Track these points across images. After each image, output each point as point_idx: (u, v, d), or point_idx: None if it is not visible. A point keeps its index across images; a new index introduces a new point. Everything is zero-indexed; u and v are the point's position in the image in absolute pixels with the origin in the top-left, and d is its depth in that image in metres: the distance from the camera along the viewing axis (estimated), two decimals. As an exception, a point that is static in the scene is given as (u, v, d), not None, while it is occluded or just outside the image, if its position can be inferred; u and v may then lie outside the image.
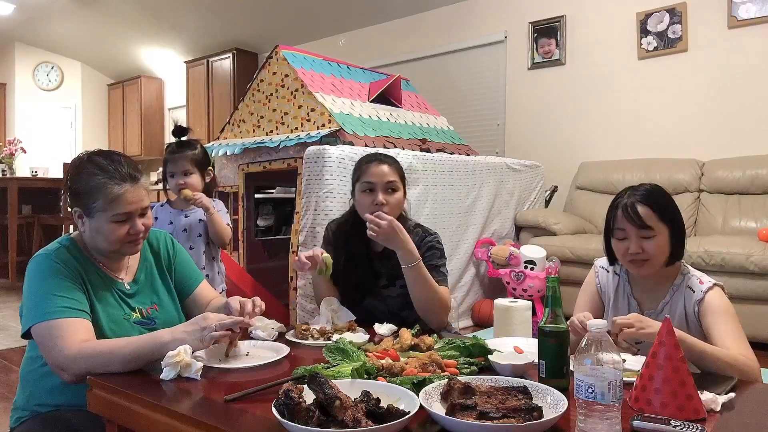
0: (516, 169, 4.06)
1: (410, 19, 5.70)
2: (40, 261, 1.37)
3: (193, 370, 1.20)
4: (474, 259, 3.72)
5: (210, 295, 1.65)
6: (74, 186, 1.39)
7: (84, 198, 1.37)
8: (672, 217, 1.50)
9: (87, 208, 1.37)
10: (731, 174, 3.76)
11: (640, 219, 1.47)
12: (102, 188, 1.35)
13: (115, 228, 1.37)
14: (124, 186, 1.36)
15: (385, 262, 1.86)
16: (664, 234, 1.48)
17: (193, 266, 1.66)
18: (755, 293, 3.00)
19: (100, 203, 1.35)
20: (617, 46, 4.41)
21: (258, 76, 3.67)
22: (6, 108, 8.06)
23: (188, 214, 2.36)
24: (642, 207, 1.47)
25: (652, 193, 1.51)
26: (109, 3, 6.54)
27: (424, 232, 1.87)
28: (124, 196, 1.36)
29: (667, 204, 1.52)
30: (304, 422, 0.91)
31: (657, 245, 1.47)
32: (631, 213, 1.48)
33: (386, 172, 1.81)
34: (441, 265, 1.85)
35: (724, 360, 1.32)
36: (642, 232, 1.47)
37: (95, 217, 1.37)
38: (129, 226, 1.38)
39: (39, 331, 1.29)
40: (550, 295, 1.20)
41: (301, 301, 2.82)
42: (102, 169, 1.37)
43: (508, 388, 1.05)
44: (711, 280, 1.51)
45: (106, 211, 1.35)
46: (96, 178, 1.36)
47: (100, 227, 1.37)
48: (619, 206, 1.51)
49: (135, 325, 1.44)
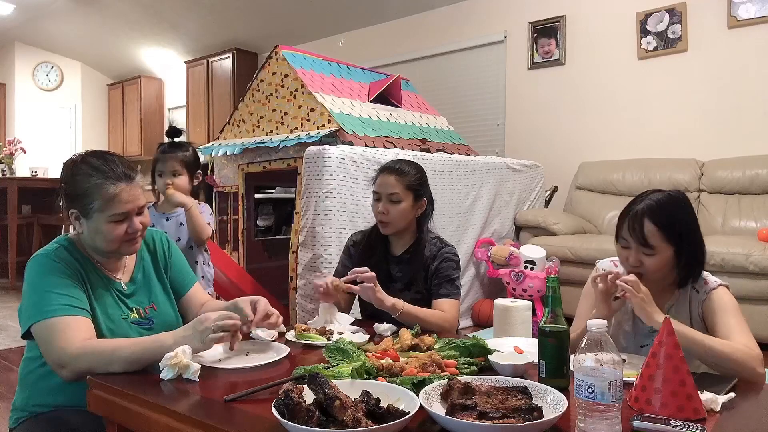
0: (516, 169, 4.06)
1: (410, 19, 5.69)
2: (39, 260, 1.37)
3: (191, 371, 1.20)
4: (474, 259, 3.72)
5: (203, 297, 1.65)
6: (70, 188, 1.38)
7: (81, 199, 1.36)
8: (681, 236, 1.44)
9: (84, 209, 1.37)
10: (731, 174, 3.76)
11: (642, 236, 1.44)
12: (98, 189, 1.35)
13: (114, 228, 1.37)
14: (119, 185, 1.36)
15: (402, 267, 1.91)
16: (667, 253, 1.44)
17: (187, 267, 1.66)
18: (755, 293, 3.00)
19: (98, 204, 1.35)
20: (617, 46, 4.41)
21: (258, 76, 3.67)
22: (6, 108, 8.06)
23: (170, 218, 2.34)
24: (648, 223, 1.43)
25: (664, 207, 1.45)
26: (109, 3, 6.53)
27: (441, 243, 1.93)
28: (120, 195, 1.36)
29: (678, 221, 1.45)
30: (304, 422, 0.90)
31: (656, 263, 1.45)
32: (636, 227, 1.45)
33: (391, 184, 1.88)
34: (455, 277, 1.87)
35: (718, 348, 1.32)
36: (643, 249, 1.45)
37: (93, 218, 1.37)
38: (127, 225, 1.38)
39: (39, 329, 1.29)
40: (550, 295, 1.20)
41: (301, 301, 2.83)
42: (97, 169, 1.37)
43: (508, 388, 1.05)
44: (717, 280, 1.50)
45: (104, 211, 1.35)
46: (91, 179, 1.35)
47: (98, 228, 1.37)
48: (629, 215, 1.48)
49: (133, 325, 1.44)
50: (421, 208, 1.92)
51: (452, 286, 1.86)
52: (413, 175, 1.93)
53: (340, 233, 2.81)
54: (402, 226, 1.90)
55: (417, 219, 1.95)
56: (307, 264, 2.83)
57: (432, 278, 1.88)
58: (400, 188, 1.88)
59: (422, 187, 1.93)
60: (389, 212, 1.87)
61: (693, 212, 1.51)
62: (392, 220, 1.88)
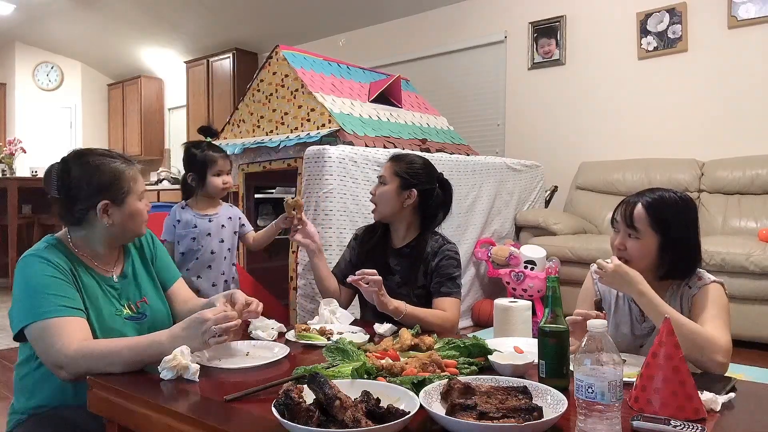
0: (516, 169, 4.06)
1: (410, 19, 5.69)
2: (29, 261, 1.35)
3: (190, 372, 1.20)
4: (474, 259, 3.72)
5: (187, 294, 1.66)
6: (95, 179, 1.39)
7: (112, 186, 1.40)
8: (669, 227, 1.46)
9: (117, 194, 1.40)
10: (731, 174, 3.76)
11: (630, 217, 1.48)
12: (124, 172, 1.42)
13: (143, 206, 1.46)
14: (132, 166, 1.46)
15: (401, 260, 1.93)
16: (651, 240, 1.46)
17: (171, 263, 1.68)
18: (755, 293, 3.00)
19: (129, 185, 1.42)
20: (617, 46, 4.41)
21: (258, 76, 3.67)
22: (6, 108, 8.06)
23: (212, 218, 2.34)
24: (640, 207, 1.48)
25: (661, 201, 1.48)
26: (109, 3, 6.53)
27: (443, 240, 1.95)
28: (138, 175, 1.46)
29: (671, 216, 1.47)
30: (304, 422, 0.90)
31: (638, 248, 1.47)
32: (626, 208, 1.50)
33: (385, 167, 1.99)
34: (456, 275, 1.88)
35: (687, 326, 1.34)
36: (628, 230, 1.49)
37: (126, 202, 1.41)
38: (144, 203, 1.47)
39: (34, 331, 1.28)
40: (550, 295, 1.21)
41: (300, 301, 2.82)
42: (109, 156, 1.43)
43: (508, 388, 1.05)
44: (711, 277, 1.50)
45: (134, 192, 1.42)
46: (114, 163, 1.41)
47: (133, 210, 1.43)
48: (626, 200, 1.53)
49: (126, 321, 1.44)
50: (410, 198, 1.92)
51: (453, 284, 1.87)
52: (408, 164, 1.96)
53: (340, 233, 2.81)
54: (387, 211, 1.94)
55: (419, 214, 1.96)
56: (307, 264, 2.83)
57: (432, 275, 1.89)
58: (389, 172, 1.96)
59: (414, 177, 1.93)
60: (376, 193, 1.96)
61: (693, 214, 1.51)
62: (377, 202, 1.96)
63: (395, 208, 1.93)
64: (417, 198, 1.93)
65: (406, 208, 1.93)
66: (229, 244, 2.37)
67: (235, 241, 2.42)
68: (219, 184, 2.30)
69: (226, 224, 2.36)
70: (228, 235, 2.37)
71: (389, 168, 1.96)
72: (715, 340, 1.34)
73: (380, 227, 2.03)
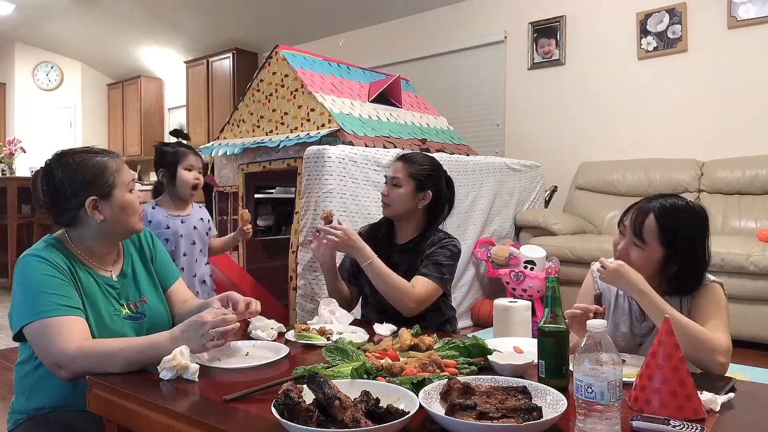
0: (516, 169, 4.06)
1: (410, 19, 5.69)
2: (28, 261, 1.35)
3: (189, 372, 1.20)
4: (474, 259, 3.72)
5: (185, 294, 1.65)
6: (79, 177, 1.37)
7: (96, 182, 1.38)
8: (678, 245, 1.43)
9: (103, 189, 1.39)
10: (731, 174, 3.76)
11: (640, 227, 1.45)
12: (107, 165, 1.40)
13: (133, 197, 1.43)
14: (116, 159, 1.44)
15: (404, 255, 1.95)
16: (656, 253, 1.45)
17: (170, 262, 1.67)
18: (755, 293, 3.00)
19: (113, 178, 1.40)
20: (617, 47, 4.41)
21: (258, 76, 3.67)
22: (6, 108, 8.06)
23: (184, 219, 2.33)
24: (651, 218, 1.44)
25: (674, 211, 1.45)
26: (109, 3, 6.53)
27: (444, 234, 1.97)
28: (123, 165, 1.44)
29: (681, 230, 1.44)
30: (304, 422, 0.90)
31: (641, 258, 1.46)
32: (639, 218, 1.46)
33: (396, 168, 1.98)
34: (443, 264, 1.87)
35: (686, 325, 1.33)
36: (635, 239, 1.46)
37: (114, 195, 1.40)
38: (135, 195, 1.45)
39: (33, 330, 1.28)
40: (550, 295, 1.20)
41: (300, 301, 2.82)
42: (90, 152, 1.41)
43: (508, 388, 1.05)
44: (710, 277, 1.50)
45: (119, 185, 1.40)
46: (95, 159, 1.40)
47: (123, 202, 1.41)
48: (639, 206, 1.49)
49: (125, 321, 1.43)
50: (424, 199, 1.95)
51: (435, 268, 1.85)
52: (421, 165, 1.98)
53: (340, 233, 2.81)
54: (401, 211, 1.95)
55: (428, 212, 1.98)
56: (307, 264, 2.83)
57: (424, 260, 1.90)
58: (403, 174, 1.95)
59: (429, 179, 1.96)
60: (389, 195, 1.96)
61: (705, 229, 1.48)
62: (390, 203, 1.96)
63: (409, 209, 1.95)
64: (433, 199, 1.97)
65: (420, 208, 1.97)
66: (201, 245, 2.37)
67: (207, 241, 2.43)
68: (190, 179, 2.28)
69: (199, 226, 2.36)
70: (200, 236, 2.36)
71: (402, 170, 1.95)
72: (715, 340, 1.34)
73: (385, 225, 2.04)
